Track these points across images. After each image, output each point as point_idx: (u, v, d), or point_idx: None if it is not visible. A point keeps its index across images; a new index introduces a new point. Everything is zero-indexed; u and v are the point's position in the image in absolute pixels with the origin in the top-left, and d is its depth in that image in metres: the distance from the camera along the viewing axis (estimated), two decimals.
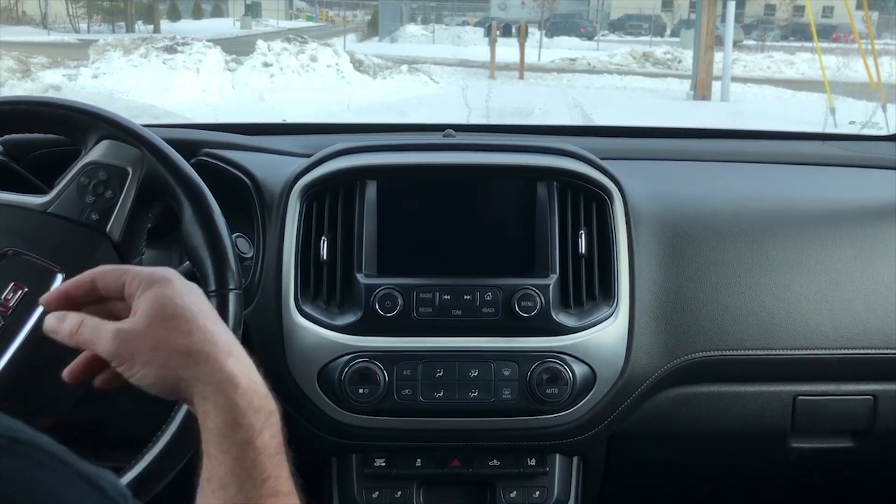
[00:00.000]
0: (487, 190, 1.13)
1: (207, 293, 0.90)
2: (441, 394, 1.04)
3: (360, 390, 1.03)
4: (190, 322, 0.63)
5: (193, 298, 0.66)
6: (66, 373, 0.68)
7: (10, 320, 0.84)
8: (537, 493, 1.14)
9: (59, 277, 0.87)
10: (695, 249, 1.13)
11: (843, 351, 1.13)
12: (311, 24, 26.09)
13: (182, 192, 0.91)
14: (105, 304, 0.69)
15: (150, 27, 17.33)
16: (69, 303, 0.68)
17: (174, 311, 0.64)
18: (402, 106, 8.07)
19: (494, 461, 1.12)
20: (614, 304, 1.07)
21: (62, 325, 0.66)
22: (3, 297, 0.84)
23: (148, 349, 0.63)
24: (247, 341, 0.99)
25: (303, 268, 1.07)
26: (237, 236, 1.08)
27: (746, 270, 1.12)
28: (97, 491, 0.41)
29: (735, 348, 1.11)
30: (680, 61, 14.25)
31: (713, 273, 1.12)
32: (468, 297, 1.05)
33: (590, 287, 1.08)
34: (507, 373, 1.04)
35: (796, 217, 1.18)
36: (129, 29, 17.31)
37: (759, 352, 1.12)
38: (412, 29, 21.25)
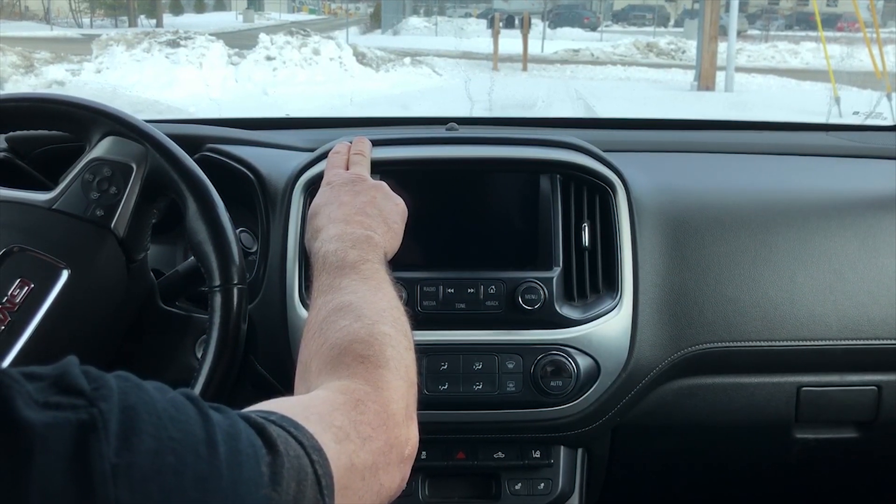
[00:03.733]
0: (491, 183, 1.13)
1: (212, 288, 0.91)
2: (445, 386, 1.05)
3: None
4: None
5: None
6: None
7: (17, 316, 0.84)
8: (542, 484, 1.14)
9: (65, 273, 0.88)
10: (698, 241, 1.13)
11: (847, 342, 1.13)
12: (313, 17, 26.07)
13: (186, 188, 0.92)
14: None
15: (153, 21, 17.33)
16: None
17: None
18: (404, 99, 8.06)
19: (499, 453, 1.13)
20: (618, 297, 1.07)
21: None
22: (9, 293, 0.85)
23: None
24: (251, 335, 0.99)
25: (307, 262, 1.07)
26: (241, 231, 1.09)
27: (750, 262, 1.12)
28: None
29: (739, 340, 1.11)
30: (684, 52, 14.20)
31: (717, 265, 1.12)
32: (472, 290, 1.06)
33: (593, 279, 1.08)
34: (511, 365, 1.05)
35: (800, 208, 1.18)
36: (132, 23, 17.30)
37: (762, 343, 1.12)
38: (415, 21, 21.22)
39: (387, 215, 0.88)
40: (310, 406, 0.58)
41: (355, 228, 0.83)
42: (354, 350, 0.67)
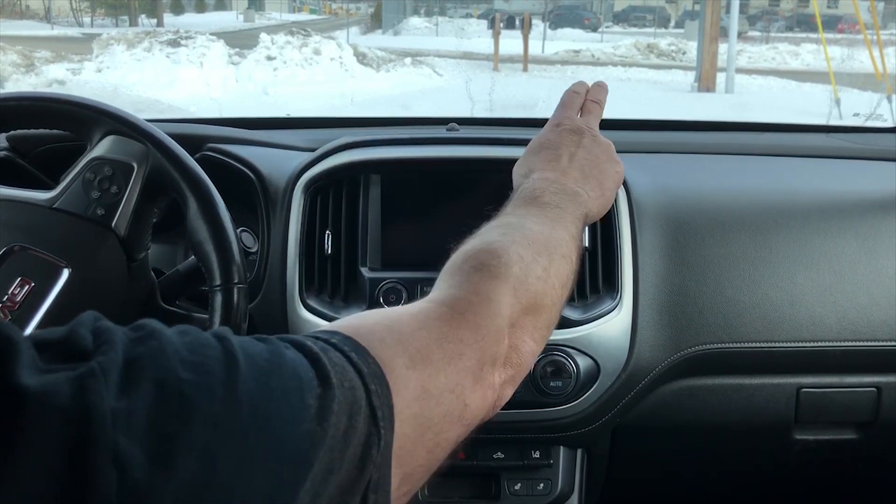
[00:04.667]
0: (491, 183, 1.13)
1: (212, 287, 0.91)
2: None
3: None
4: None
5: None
6: None
7: (18, 315, 0.85)
8: (541, 485, 1.14)
9: (66, 272, 0.88)
10: (698, 242, 1.13)
11: (846, 343, 1.13)
12: (314, 16, 26.07)
13: (187, 188, 0.92)
14: None
15: (154, 21, 17.34)
16: None
17: None
18: (405, 99, 8.06)
19: (499, 453, 1.13)
20: (618, 297, 1.07)
21: None
22: (10, 291, 0.85)
23: None
24: (252, 334, 0.99)
25: (307, 262, 1.07)
26: (242, 230, 1.09)
27: (750, 263, 1.12)
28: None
29: (739, 341, 1.11)
30: (684, 53, 14.19)
31: (717, 266, 1.12)
32: None
33: (593, 280, 1.09)
34: None
35: (800, 210, 1.18)
36: (133, 23, 17.31)
37: (762, 344, 1.12)
38: (415, 21, 21.20)
39: (603, 180, 0.85)
40: (393, 325, 0.55)
41: (567, 180, 0.80)
42: (477, 257, 0.64)
